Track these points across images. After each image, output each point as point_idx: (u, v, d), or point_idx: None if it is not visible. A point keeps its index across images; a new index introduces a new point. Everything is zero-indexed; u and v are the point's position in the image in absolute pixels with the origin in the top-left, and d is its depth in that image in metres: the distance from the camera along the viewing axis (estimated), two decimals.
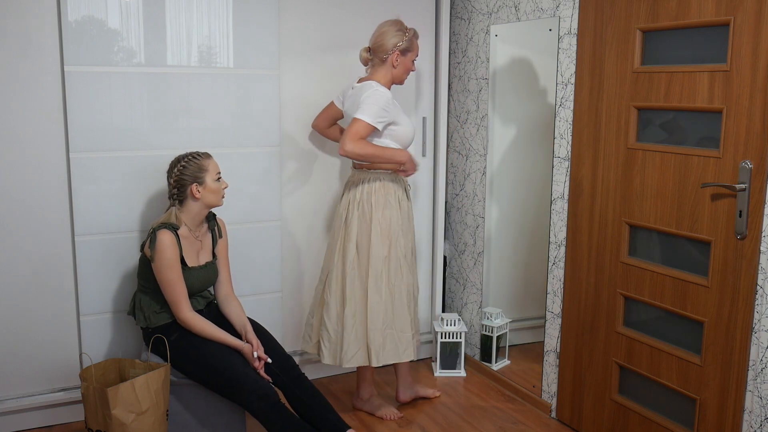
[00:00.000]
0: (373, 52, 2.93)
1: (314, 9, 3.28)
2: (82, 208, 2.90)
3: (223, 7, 3.04)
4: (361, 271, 2.94)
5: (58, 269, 2.94)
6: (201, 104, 3.06)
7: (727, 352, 2.37)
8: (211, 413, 2.70)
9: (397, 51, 2.89)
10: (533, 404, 3.28)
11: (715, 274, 2.39)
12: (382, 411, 3.13)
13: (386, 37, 2.89)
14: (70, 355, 3.01)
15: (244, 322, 2.75)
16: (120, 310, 3.01)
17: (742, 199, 2.27)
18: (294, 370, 2.73)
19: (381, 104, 2.80)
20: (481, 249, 3.62)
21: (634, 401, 2.78)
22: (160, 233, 2.56)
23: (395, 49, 2.88)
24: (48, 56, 2.80)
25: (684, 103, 2.45)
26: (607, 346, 2.85)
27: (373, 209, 2.93)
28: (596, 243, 2.86)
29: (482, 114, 3.53)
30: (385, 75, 2.92)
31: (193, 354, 2.60)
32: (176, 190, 2.64)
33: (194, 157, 2.66)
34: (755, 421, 2.30)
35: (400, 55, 2.90)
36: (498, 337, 3.58)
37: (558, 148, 3.04)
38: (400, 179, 3.03)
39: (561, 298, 3.08)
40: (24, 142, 2.82)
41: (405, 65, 2.93)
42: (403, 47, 2.89)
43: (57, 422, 3.02)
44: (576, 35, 2.89)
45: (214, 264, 2.78)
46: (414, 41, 2.94)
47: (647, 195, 2.62)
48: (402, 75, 2.96)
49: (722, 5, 2.29)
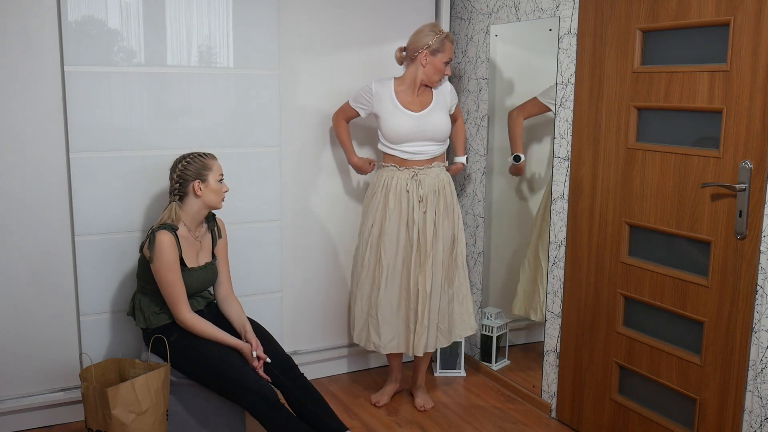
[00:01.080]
0: (407, 51, 3.05)
1: (314, 9, 3.28)
2: (82, 208, 2.90)
3: (223, 7, 3.04)
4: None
5: (58, 269, 2.94)
6: (201, 104, 3.06)
7: (727, 352, 2.37)
8: (211, 413, 2.70)
9: (426, 50, 2.96)
10: (533, 404, 3.28)
11: (715, 274, 2.39)
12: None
13: (419, 36, 3.00)
14: (70, 355, 3.01)
15: (243, 322, 2.75)
16: (120, 310, 3.01)
17: (742, 199, 2.27)
18: (293, 370, 2.73)
19: (361, 90, 3.11)
20: (481, 249, 3.62)
21: (634, 401, 2.78)
22: (159, 234, 2.56)
23: (425, 49, 2.96)
24: (48, 56, 2.80)
25: (684, 103, 2.45)
26: (607, 346, 2.85)
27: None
28: (596, 243, 2.86)
29: (482, 114, 3.53)
30: (412, 73, 3.04)
31: (193, 354, 2.60)
32: (178, 185, 2.65)
33: (199, 155, 2.67)
34: (755, 421, 2.30)
35: (429, 55, 2.98)
36: (498, 337, 3.58)
37: (558, 148, 3.04)
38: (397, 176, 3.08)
39: (561, 298, 3.08)
40: (24, 142, 2.81)
41: (435, 65, 2.99)
42: (433, 47, 2.97)
43: (57, 422, 3.02)
44: (576, 35, 2.89)
45: (213, 264, 2.78)
46: (446, 43, 2.98)
47: (647, 195, 2.62)
48: (432, 75, 3.01)
49: (722, 5, 2.29)
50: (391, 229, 3.04)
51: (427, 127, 3.01)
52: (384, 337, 3.09)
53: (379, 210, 3.07)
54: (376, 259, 3.08)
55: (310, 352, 3.51)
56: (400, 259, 3.06)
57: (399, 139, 3.02)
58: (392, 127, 3.02)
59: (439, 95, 3.08)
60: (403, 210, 3.03)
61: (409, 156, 3.03)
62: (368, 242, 3.10)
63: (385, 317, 3.08)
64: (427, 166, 3.05)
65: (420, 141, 3.02)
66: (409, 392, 3.38)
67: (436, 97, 3.07)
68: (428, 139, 3.03)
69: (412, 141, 3.02)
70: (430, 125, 3.01)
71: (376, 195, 3.09)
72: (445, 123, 3.05)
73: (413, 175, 3.03)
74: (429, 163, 3.06)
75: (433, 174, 3.05)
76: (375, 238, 3.08)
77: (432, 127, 3.02)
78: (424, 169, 3.04)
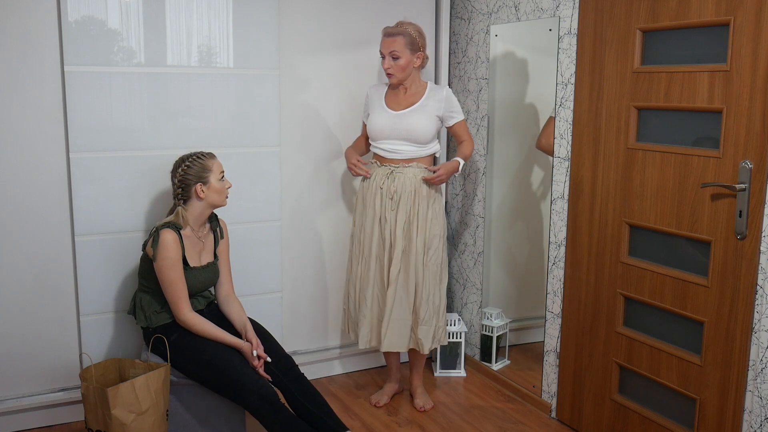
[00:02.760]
0: None
1: (314, 9, 3.28)
2: (82, 208, 2.90)
3: (223, 7, 3.04)
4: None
5: (58, 269, 2.94)
6: (201, 104, 3.06)
7: (727, 352, 2.37)
8: (211, 413, 2.70)
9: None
10: (533, 404, 3.28)
11: (715, 274, 2.39)
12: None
13: None
14: (70, 355, 3.01)
15: (244, 322, 2.75)
16: (120, 310, 3.01)
17: (742, 199, 2.27)
18: (293, 370, 2.73)
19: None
20: (481, 249, 3.62)
21: (634, 401, 2.78)
22: (163, 232, 2.56)
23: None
24: (48, 56, 2.80)
25: (684, 103, 2.45)
26: (607, 346, 2.85)
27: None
28: (596, 243, 2.86)
29: (482, 114, 3.53)
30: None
31: (194, 354, 2.60)
32: (180, 189, 2.65)
33: (198, 157, 2.66)
34: (755, 421, 2.30)
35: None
36: (498, 337, 3.58)
37: (558, 148, 3.04)
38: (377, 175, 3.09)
39: (561, 298, 3.08)
40: (24, 142, 2.81)
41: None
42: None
43: (57, 422, 3.02)
44: (576, 35, 2.89)
45: (215, 264, 2.79)
46: (382, 38, 3.04)
47: (647, 195, 2.62)
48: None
49: (722, 5, 2.29)
50: (367, 226, 3.08)
51: (402, 126, 3.01)
52: (361, 332, 3.12)
53: (360, 206, 3.13)
54: (358, 256, 3.14)
55: (309, 352, 3.51)
56: (374, 256, 3.08)
57: (375, 135, 3.07)
58: (371, 123, 3.08)
59: (429, 99, 3.05)
60: (377, 207, 3.05)
61: (386, 153, 3.06)
62: (352, 239, 3.17)
63: (362, 312, 3.12)
64: (403, 165, 3.05)
65: (395, 139, 3.03)
66: (408, 392, 3.38)
67: (424, 100, 3.05)
68: (403, 139, 3.03)
69: (387, 138, 3.05)
70: (405, 125, 3.01)
71: (360, 191, 3.15)
72: (422, 126, 3.01)
73: (389, 173, 3.04)
74: (406, 163, 3.05)
75: (410, 174, 3.03)
76: (357, 233, 3.14)
77: (407, 127, 3.01)
78: (400, 167, 3.04)
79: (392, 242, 3.04)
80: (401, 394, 3.39)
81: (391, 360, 3.32)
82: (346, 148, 3.27)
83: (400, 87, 3.06)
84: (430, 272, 3.07)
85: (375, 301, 3.11)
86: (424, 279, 3.06)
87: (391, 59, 2.97)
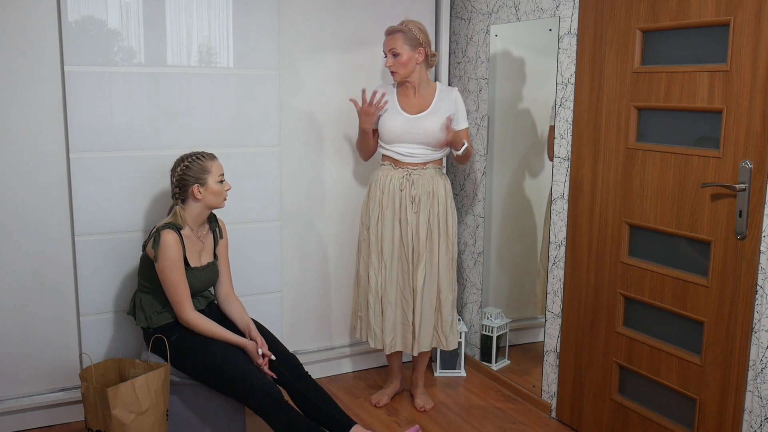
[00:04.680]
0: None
1: (314, 9, 3.28)
2: (82, 208, 2.90)
3: (223, 7, 3.04)
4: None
5: (58, 269, 2.94)
6: (201, 104, 3.06)
7: (727, 352, 2.37)
8: (211, 413, 2.70)
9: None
10: (533, 404, 3.28)
11: (715, 274, 2.39)
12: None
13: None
14: (70, 355, 3.01)
15: (246, 321, 2.75)
16: (120, 310, 3.01)
17: (742, 199, 2.27)
18: (298, 368, 2.73)
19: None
20: (481, 249, 3.62)
21: (634, 401, 2.78)
22: (164, 233, 2.56)
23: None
24: (48, 56, 2.80)
25: (684, 103, 2.45)
26: (607, 346, 2.85)
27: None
28: (596, 243, 2.86)
29: (482, 114, 3.53)
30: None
31: (196, 353, 2.60)
32: (178, 189, 2.65)
33: (198, 157, 2.65)
34: (755, 421, 2.30)
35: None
36: (498, 337, 3.58)
37: (558, 148, 3.04)
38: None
39: (561, 298, 3.08)
40: (24, 142, 2.81)
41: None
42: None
43: (57, 422, 3.02)
44: (576, 35, 2.89)
45: (215, 264, 2.79)
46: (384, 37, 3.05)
47: (647, 195, 2.62)
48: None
49: (722, 5, 2.29)
50: (386, 229, 3.05)
51: (419, 131, 3.00)
52: (386, 336, 3.10)
53: (375, 209, 3.08)
54: (375, 262, 3.09)
55: (310, 352, 3.51)
56: (396, 258, 3.07)
57: (391, 139, 3.05)
58: (385, 127, 3.06)
59: (441, 100, 3.05)
60: (396, 209, 3.04)
61: (401, 157, 3.05)
62: (368, 241, 3.11)
63: (386, 315, 3.09)
64: (421, 167, 3.05)
65: (411, 143, 3.03)
66: (409, 392, 3.38)
67: (437, 102, 3.05)
68: (419, 143, 3.02)
69: (403, 142, 3.03)
70: (422, 129, 3.00)
71: (373, 194, 3.10)
72: (439, 129, 3.01)
73: (407, 175, 3.04)
74: (423, 165, 3.06)
75: (428, 176, 3.05)
76: (373, 236, 3.09)
77: (424, 131, 3.00)
78: (418, 169, 3.05)
79: (414, 245, 3.04)
80: (401, 394, 3.39)
81: (393, 360, 3.32)
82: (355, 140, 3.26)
83: (409, 87, 3.05)
84: (449, 270, 3.11)
85: (399, 305, 3.10)
86: (446, 279, 3.10)
87: (392, 56, 2.98)
